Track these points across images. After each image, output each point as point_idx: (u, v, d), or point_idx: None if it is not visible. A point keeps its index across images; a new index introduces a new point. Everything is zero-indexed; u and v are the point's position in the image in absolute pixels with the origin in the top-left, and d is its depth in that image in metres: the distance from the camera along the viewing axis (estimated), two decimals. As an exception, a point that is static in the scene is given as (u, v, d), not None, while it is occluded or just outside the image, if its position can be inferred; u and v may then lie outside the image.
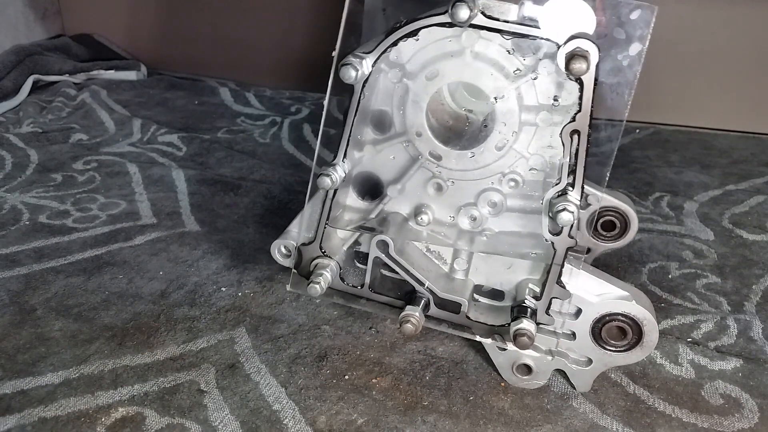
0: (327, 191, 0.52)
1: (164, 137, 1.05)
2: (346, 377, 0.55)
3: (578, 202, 0.47)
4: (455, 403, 0.52)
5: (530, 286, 0.51)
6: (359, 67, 0.47)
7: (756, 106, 1.12)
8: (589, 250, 0.65)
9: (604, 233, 0.64)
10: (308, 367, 0.56)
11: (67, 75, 1.29)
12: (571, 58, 0.43)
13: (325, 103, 0.51)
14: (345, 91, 0.49)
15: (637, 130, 1.12)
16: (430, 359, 0.57)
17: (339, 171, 0.51)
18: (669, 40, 1.09)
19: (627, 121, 0.47)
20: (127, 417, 0.50)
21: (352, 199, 0.55)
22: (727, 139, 1.10)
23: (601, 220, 0.64)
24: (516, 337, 0.49)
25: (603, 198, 0.61)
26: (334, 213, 0.54)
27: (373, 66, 0.48)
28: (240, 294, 0.65)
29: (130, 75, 1.35)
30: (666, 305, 0.65)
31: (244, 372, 0.55)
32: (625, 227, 0.64)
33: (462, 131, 0.53)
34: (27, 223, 0.77)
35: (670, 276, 0.70)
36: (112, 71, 1.34)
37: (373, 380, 0.54)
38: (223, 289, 0.66)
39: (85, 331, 0.59)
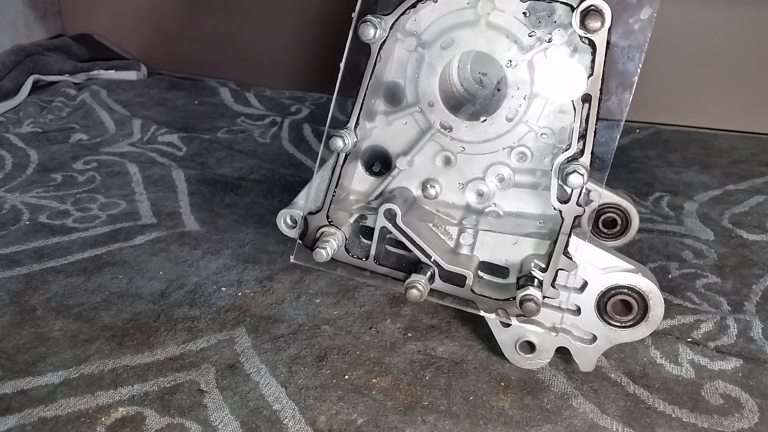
0: (338, 155, 0.52)
1: (164, 137, 1.05)
2: (346, 377, 0.55)
3: (588, 167, 0.47)
4: (455, 403, 0.52)
5: (535, 261, 0.52)
6: (378, 27, 0.48)
7: (756, 106, 1.12)
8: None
9: (606, 231, 0.64)
10: (308, 367, 0.56)
11: (67, 75, 1.29)
12: (586, 14, 0.44)
13: (342, 65, 0.51)
14: (362, 53, 0.50)
15: (637, 130, 1.12)
16: (430, 359, 0.57)
17: (351, 135, 0.52)
18: (669, 40, 1.09)
19: (627, 121, 0.47)
20: (127, 417, 0.50)
21: (358, 180, 0.55)
22: (727, 139, 1.09)
23: (602, 217, 0.64)
24: (523, 303, 0.49)
25: (604, 194, 0.61)
26: (339, 195, 0.54)
27: (391, 28, 0.49)
28: (240, 294, 0.65)
29: (130, 75, 1.35)
30: (666, 305, 0.64)
31: (244, 372, 0.55)
32: (626, 225, 0.64)
33: (474, 97, 0.53)
34: (27, 223, 0.77)
35: (670, 276, 0.70)
36: (112, 71, 1.34)
37: (373, 380, 0.54)
38: (223, 289, 0.66)
39: (85, 331, 0.59)
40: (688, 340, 0.60)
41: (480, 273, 0.54)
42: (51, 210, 0.81)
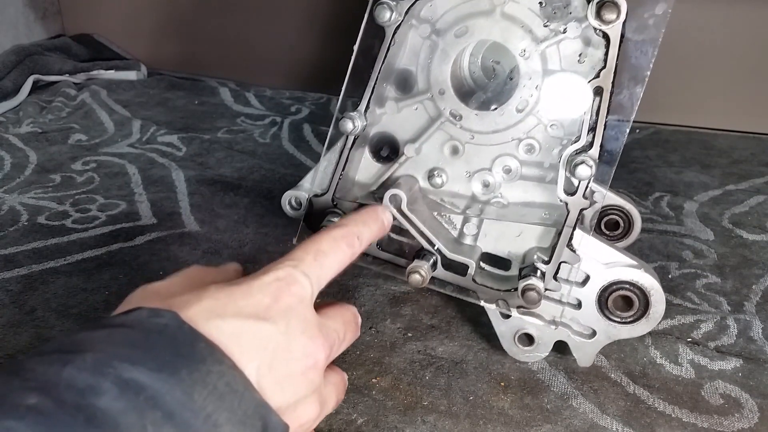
0: (346, 137, 0.53)
1: (164, 137, 1.05)
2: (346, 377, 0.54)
3: (596, 160, 0.48)
4: (455, 403, 0.52)
5: (538, 254, 0.52)
6: (394, 10, 0.49)
7: (756, 106, 1.12)
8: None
9: (608, 233, 0.64)
10: (308, 367, 0.56)
11: (67, 75, 1.29)
12: (602, 6, 0.44)
13: (355, 47, 0.51)
14: (376, 37, 0.51)
15: (637, 130, 1.12)
16: (430, 359, 0.57)
17: (361, 119, 0.52)
18: (669, 39, 1.09)
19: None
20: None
21: (364, 167, 0.55)
22: (727, 139, 1.09)
23: (604, 219, 0.63)
24: (525, 292, 0.49)
25: (607, 196, 0.61)
26: (344, 184, 0.54)
27: (406, 13, 0.49)
28: (240, 294, 0.65)
29: (130, 75, 1.35)
30: (666, 305, 0.64)
31: (243, 372, 0.55)
32: (628, 227, 0.64)
33: (486, 84, 0.54)
34: (26, 223, 0.77)
35: (669, 276, 0.70)
36: (112, 71, 1.34)
37: (373, 380, 0.54)
38: (223, 289, 0.66)
39: (84, 332, 0.59)
40: (688, 340, 0.60)
41: (482, 264, 0.54)
42: (50, 211, 0.81)
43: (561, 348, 0.55)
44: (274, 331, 0.34)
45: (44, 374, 0.27)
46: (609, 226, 0.64)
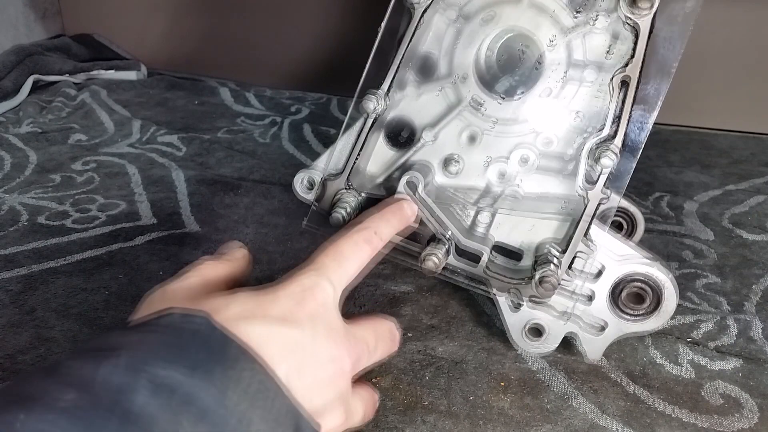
0: (365, 119, 0.52)
1: (164, 137, 1.05)
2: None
3: (619, 150, 0.48)
4: (455, 403, 0.52)
5: (551, 245, 0.52)
6: None
7: (756, 106, 1.12)
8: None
9: None
10: (308, 367, 0.56)
11: (67, 75, 1.29)
12: None
13: (382, 25, 0.52)
14: (400, 17, 0.51)
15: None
16: (430, 359, 0.57)
17: (382, 100, 0.51)
18: (669, 39, 1.09)
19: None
20: (126, 417, 0.50)
21: (378, 155, 0.55)
22: (727, 139, 1.09)
23: (608, 221, 0.63)
24: (542, 280, 0.49)
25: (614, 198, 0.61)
26: (356, 172, 0.54)
27: None
28: (240, 294, 0.65)
29: (130, 75, 1.35)
30: (666, 305, 0.64)
31: (243, 372, 0.55)
32: (632, 229, 0.64)
33: (513, 70, 0.54)
34: (26, 223, 0.77)
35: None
36: (112, 71, 1.34)
37: (373, 380, 0.54)
38: (223, 289, 0.66)
39: (85, 332, 0.59)
40: (688, 340, 0.60)
41: (494, 254, 0.54)
42: (50, 211, 0.81)
43: (562, 347, 0.55)
44: (301, 335, 0.34)
45: (80, 373, 0.27)
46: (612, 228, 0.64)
